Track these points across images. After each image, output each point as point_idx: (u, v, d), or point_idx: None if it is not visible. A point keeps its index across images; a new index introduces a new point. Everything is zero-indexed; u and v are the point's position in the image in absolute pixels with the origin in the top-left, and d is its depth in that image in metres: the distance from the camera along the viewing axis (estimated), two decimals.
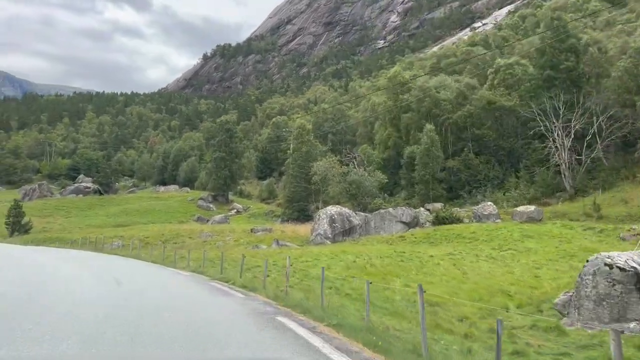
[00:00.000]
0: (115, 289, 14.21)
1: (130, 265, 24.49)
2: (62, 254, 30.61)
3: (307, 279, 17.77)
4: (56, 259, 26.07)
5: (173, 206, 79.03)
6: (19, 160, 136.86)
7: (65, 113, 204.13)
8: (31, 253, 30.46)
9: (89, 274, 18.47)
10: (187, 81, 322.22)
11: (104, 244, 41.11)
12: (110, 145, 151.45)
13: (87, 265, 22.81)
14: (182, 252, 34.02)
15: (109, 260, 26.82)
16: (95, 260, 26.26)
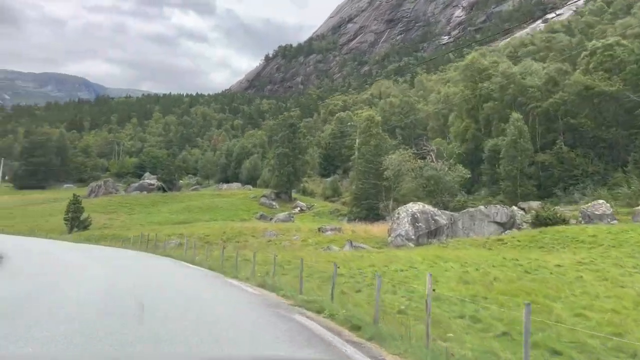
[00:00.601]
0: (132, 326, 8.41)
1: (178, 274, 19.02)
2: (103, 254, 26.93)
3: (416, 300, 12.45)
4: (87, 261, 22.24)
5: (235, 204, 75.61)
6: (89, 159, 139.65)
7: (133, 114, 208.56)
8: (65, 253, 26.99)
9: (112, 291, 12.88)
10: (249, 82, 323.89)
11: (161, 241, 37.38)
12: (176, 144, 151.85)
13: (118, 273, 18.02)
14: (244, 253, 29.58)
15: (153, 265, 22.41)
16: (135, 264, 22.20)
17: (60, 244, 34.35)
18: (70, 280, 15.02)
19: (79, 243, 37.43)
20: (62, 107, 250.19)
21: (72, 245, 34.77)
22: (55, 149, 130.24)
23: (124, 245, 35.21)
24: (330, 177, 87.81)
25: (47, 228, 53.83)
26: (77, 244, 35.84)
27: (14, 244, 30.54)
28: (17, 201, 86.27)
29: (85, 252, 27.04)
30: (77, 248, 31.09)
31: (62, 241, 38.98)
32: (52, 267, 19.11)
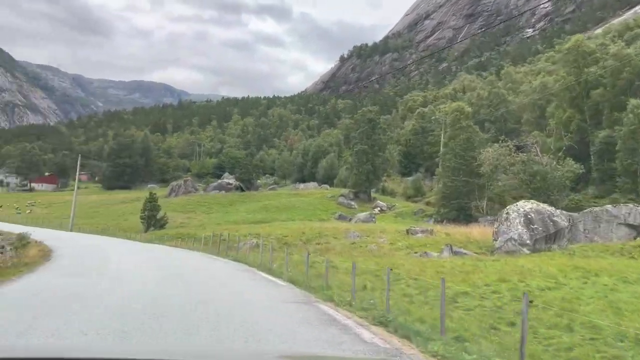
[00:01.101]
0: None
1: (248, 293, 13.72)
2: (163, 257, 23.96)
3: (622, 347, 7.68)
4: (135, 265, 19.00)
5: (313, 203, 72.21)
6: (171, 160, 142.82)
7: (213, 116, 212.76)
8: (122, 253, 24.41)
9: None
10: (324, 83, 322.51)
11: (236, 242, 34.21)
12: (253, 145, 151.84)
13: (161, 288, 13.84)
14: (328, 257, 25.70)
15: (215, 275, 17.72)
16: (194, 275, 17.88)
17: (125, 243, 32.41)
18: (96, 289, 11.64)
19: (148, 243, 35.18)
20: (147, 112, 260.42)
21: (139, 245, 32.65)
22: (140, 150, 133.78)
23: (195, 246, 32.32)
24: (413, 176, 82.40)
25: (125, 226, 52.89)
26: (145, 244, 33.62)
27: (76, 242, 29.14)
28: (102, 200, 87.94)
29: (144, 254, 24.36)
30: (141, 248, 29.00)
31: (132, 240, 37.02)
32: (92, 269, 16.27)
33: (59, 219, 58.41)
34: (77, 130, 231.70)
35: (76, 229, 47.40)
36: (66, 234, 40.75)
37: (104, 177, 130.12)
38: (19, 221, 56.46)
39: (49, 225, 50.93)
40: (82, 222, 61.02)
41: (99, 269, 16.93)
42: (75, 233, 43.16)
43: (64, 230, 45.90)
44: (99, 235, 41.69)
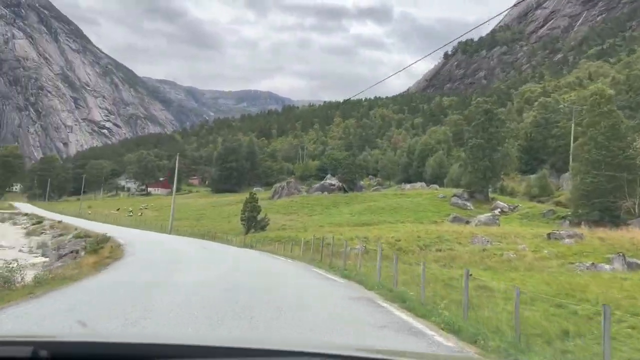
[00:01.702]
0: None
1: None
2: (250, 271, 18.29)
3: None
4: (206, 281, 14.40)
5: (422, 204, 65.79)
6: (275, 163, 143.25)
7: (316, 120, 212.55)
8: (199, 262, 20.44)
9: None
10: (428, 82, 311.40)
11: (341, 247, 29.34)
12: (355, 146, 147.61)
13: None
14: (455, 266, 19.99)
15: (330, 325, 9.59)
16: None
17: (211, 249, 28.90)
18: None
19: (243, 248, 31.42)
20: (253, 118, 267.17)
21: (230, 251, 29.02)
22: (246, 154, 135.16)
23: (294, 251, 27.76)
24: (537, 173, 72.87)
25: (227, 228, 50.46)
26: (238, 250, 29.78)
27: (156, 246, 26.52)
28: (209, 203, 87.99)
29: (228, 263, 19.86)
30: (228, 255, 25.33)
31: (226, 244, 33.66)
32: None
33: (165, 221, 57.70)
34: (190, 138, 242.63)
35: (175, 232, 45.59)
36: (159, 236, 38.86)
37: (213, 181, 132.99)
38: (124, 223, 56.46)
39: (150, 227, 49.84)
40: (188, 224, 59.91)
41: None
42: (171, 236, 41.20)
43: (163, 233, 44.29)
44: (192, 239, 39.20)
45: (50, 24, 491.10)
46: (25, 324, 7.49)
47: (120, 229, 45.11)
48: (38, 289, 10.89)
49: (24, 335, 3.32)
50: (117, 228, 45.58)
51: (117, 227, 46.19)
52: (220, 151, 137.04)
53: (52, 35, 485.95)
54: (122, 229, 45.38)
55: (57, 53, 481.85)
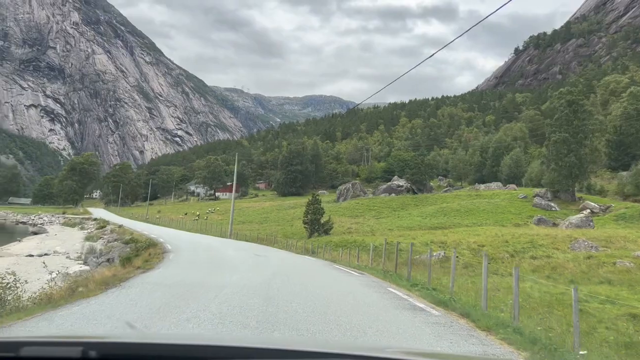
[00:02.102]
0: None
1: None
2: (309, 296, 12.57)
3: None
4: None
5: (501, 205, 60.16)
6: (340, 165, 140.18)
7: (380, 121, 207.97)
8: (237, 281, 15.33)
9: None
10: (497, 79, 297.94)
11: (417, 253, 25.34)
12: (423, 146, 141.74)
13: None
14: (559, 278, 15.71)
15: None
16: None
17: (270, 255, 25.60)
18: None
19: (300, 256, 27.79)
20: (318, 122, 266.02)
21: (289, 259, 25.30)
22: (310, 157, 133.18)
23: (361, 260, 23.97)
24: (629, 169, 65.14)
25: (290, 232, 47.68)
26: (298, 257, 26.23)
27: (205, 253, 23.76)
28: (274, 206, 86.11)
29: (276, 284, 14.48)
30: (282, 266, 20.55)
31: (284, 251, 30.47)
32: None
33: (228, 225, 55.87)
34: (257, 143, 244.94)
35: (235, 236, 43.19)
36: (214, 241, 36.36)
37: (278, 184, 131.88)
38: (187, 227, 55.11)
39: (210, 231, 47.87)
40: (251, 227, 57.79)
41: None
42: (229, 240, 38.81)
43: (221, 237, 42.07)
44: (249, 244, 36.45)
45: (126, 39, 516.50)
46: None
47: (178, 233, 43.43)
48: (16, 315, 8.13)
49: (73, 335, 3.35)
50: (176, 232, 43.96)
51: (176, 232, 44.58)
52: (285, 154, 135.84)
53: (128, 49, 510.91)
54: (180, 233, 43.68)
55: (132, 66, 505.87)
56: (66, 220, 67.70)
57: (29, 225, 58.06)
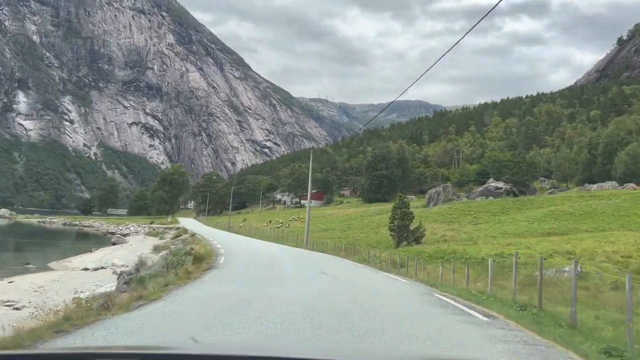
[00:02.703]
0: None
1: None
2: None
3: None
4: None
5: (624, 207, 50.71)
6: (428, 169, 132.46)
7: (471, 122, 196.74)
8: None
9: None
10: (599, 72, 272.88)
11: (536, 267, 18.85)
12: (520, 145, 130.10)
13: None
14: None
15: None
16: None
17: (346, 277, 19.25)
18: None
19: (388, 274, 21.41)
20: (403, 126, 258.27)
21: (368, 279, 19.15)
22: (396, 161, 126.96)
23: (470, 283, 16.82)
24: None
25: (375, 240, 42.27)
26: (382, 276, 20.10)
27: (263, 269, 18.81)
28: (358, 213, 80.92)
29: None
30: (355, 296, 13.57)
31: (365, 267, 24.31)
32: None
33: (310, 233, 51.45)
34: (341, 150, 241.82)
35: (312, 245, 38.18)
36: (285, 251, 31.38)
37: (363, 190, 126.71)
38: (264, 235, 51.49)
39: (287, 239, 43.44)
40: (332, 235, 53.04)
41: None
42: (303, 250, 33.97)
43: (296, 247, 37.35)
44: (324, 255, 31.03)
45: (216, 56, 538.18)
46: None
47: (250, 241, 39.63)
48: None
49: (130, 347, 3.28)
50: (247, 241, 40.25)
51: (249, 240, 40.92)
52: (369, 159, 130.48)
53: (218, 66, 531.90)
54: (251, 241, 39.84)
55: (222, 81, 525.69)
56: (150, 230, 67.22)
57: (116, 236, 57.57)
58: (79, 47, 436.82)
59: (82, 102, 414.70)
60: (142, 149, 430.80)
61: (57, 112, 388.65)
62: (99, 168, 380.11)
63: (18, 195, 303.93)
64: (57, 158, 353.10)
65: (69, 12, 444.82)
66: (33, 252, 40.09)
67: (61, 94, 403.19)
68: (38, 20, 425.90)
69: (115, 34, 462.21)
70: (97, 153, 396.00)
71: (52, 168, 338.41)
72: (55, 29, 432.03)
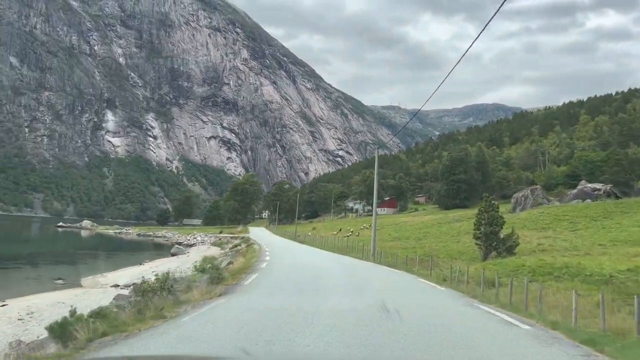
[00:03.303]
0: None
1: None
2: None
3: None
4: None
5: None
6: (511, 172, 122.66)
7: (555, 122, 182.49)
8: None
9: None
10: None
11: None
12: (614, 144, 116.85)
13: None
14: None
15: None
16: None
17: (421, 317, 11.30)
18: None
19: (478, 302, 14.14)
20: (481, 129, 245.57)
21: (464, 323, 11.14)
22: (475, 164, 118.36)
23: (615, 324, 10.09)
24: None
25: (455, 250, 36.22)
26: (470, 308, 12.67)
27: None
28: (435, 220, 74.20)
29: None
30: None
31: (445, 291, 17.38)
32: None
33: (381, 242, 46.06)
34: (415, 156, 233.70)
35: (379, 256, 32.29)
36: (343, 267, 25.22)
37: (439, 197, 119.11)
38: (329, 245, 46.71)
39: (354, 250, 37.94)
40: (406, 245, 47.27)
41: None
42: (366, 264, 28.14)
43: (361, 259, 31.81)
44: (391, 271, 24.62)
45: (289, 68, 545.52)
46: None
47: (311, 251, 34.99)
48: None
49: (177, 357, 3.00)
50: (307, 250, 35.64)
51: (310, 249, 36.29)
52: (445, 163, 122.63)
53: (290, 78, 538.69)
54: (313, 251, 35.18)
55: (295, 93, 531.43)
56: (216, 240, 64.74)
57: (176, 247, 55.30)
58: (160, 67, 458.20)
59: (164, 118, 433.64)
60: (220, 162, 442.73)
61: (141, 128, 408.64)
62: (181, 181, 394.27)
63: (108, 208, 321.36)
64: (142, 172, 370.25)
65: (151, 33, 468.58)
66: (81, 265, 38.26)
67: (145, 111, 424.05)
68: (123, 43, 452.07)
69: (193, 52, 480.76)
70: (178, 166, 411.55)
71: (137, 182, 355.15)
72: (139, 50, 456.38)
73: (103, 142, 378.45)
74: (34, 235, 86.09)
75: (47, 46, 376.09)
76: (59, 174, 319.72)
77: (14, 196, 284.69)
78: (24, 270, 35.48)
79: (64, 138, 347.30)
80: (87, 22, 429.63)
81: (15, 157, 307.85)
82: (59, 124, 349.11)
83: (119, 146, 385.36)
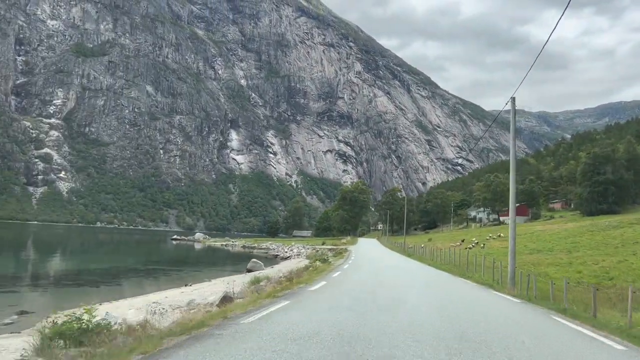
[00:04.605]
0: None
1: None
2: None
3: None
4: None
5: None
6: None
7: None
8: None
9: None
10: None
11: None
12: None
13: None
14: None
15: None
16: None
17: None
18: None
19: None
20: (622, 126, 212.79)
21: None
22: (625, 162, 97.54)
23: None
24: None
25: (633, 269, 23.02)
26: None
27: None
28: (582, 227, 58.21)
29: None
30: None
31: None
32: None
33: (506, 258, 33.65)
34: (545, 159, 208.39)
35: (520, 281, 19.69)
36: (453, 304, 12.07)
37: (580, 201, 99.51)
38: (444, 261, 35.18)
39: (480, 268, 25.55)
40: (552, 260, 33.99)
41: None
42: (506, 300, 15.23)
43: (490, 287, 19.56)
44: (559, 326, 11.49)
45: (403, 78, 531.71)
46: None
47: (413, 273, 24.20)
48: None
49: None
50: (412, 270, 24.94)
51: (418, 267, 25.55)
52: (586, 163, 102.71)
53: (404, 87, 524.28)
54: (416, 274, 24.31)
55: (410, 102, 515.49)
56: (312, 252, 56.23)
57: (259, 259, 47.62)
58: (278, 85, 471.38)
59: (283, 135, 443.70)
60: (337, 174, 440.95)
61: (262, 145, 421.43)
62: (299, 194, 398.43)
63: (234, 221, 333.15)
64: (264, 187, 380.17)
65: (269, 54, 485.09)
66: (150, 279, 33.14)
67: (265, 129, 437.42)
68: (244, 66, 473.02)
69: (309, 69, 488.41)
70: (297, 180, 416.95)
71: (260, 196, 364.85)
72: (258, 71, 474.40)
73: (228, 160, 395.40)
74: (141, 248, 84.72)
75: (177, 73, 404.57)
76: (190, 191, 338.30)
77: (152, 212, 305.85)
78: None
79: (193, 157, 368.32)
80: (212, 49, 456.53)
81: (152, 176, 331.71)
82: (189, 145, 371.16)
83: (242, 163, 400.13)
